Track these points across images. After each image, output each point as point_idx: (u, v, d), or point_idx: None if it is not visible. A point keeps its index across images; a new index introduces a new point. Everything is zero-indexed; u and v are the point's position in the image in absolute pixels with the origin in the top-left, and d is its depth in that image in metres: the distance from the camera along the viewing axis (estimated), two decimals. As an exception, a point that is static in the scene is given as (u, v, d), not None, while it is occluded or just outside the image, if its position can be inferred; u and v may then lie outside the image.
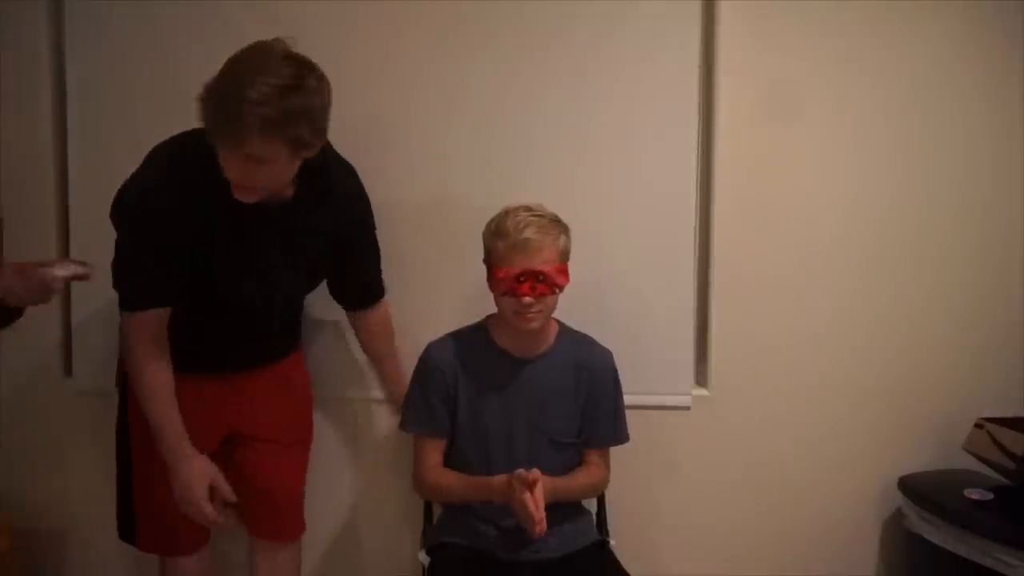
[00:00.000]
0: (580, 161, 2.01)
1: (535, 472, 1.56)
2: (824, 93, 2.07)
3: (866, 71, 2.07)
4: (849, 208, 2.11)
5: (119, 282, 1.55)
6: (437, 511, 1.90)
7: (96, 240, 1.98)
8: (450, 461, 1.78)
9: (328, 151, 1.64)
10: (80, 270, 1.45)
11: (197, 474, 1.55)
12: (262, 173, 1.42)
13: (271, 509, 1.83)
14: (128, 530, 1.75)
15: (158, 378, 1.56)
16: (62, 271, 1.42)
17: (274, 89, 1.34)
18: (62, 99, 1.99)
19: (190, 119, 1.43)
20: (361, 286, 1.86)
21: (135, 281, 1.54)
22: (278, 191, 1.52)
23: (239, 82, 1.34)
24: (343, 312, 1.94)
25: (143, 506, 1.72)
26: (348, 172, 1.74)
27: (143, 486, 1.71)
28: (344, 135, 1.76)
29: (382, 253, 1.88)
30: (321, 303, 1.91)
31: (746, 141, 2.06)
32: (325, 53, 1.51)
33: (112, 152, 1.97)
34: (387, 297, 1.93)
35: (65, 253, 2.02)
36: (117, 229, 1.54)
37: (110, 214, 1.53)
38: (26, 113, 2.00)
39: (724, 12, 2.02)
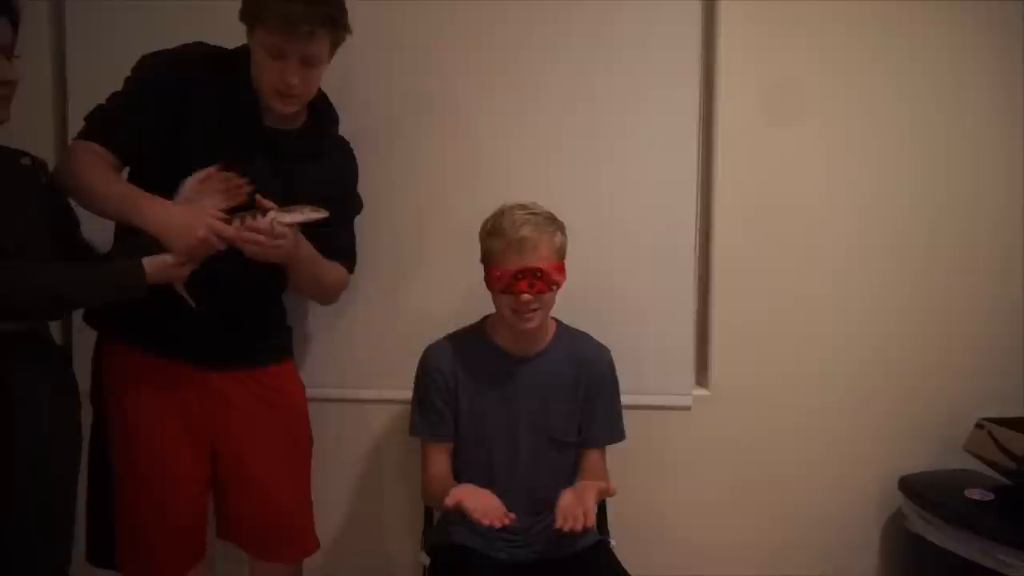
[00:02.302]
0: (581, 161, 2.02)
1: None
2: (823, 93, 2.07)
3: (866, 71, 2.08)
4: (849, 208, 2.11)
5: (95, 114, 1.55)
6: (437, 511, 1.90)
7: (96, 239, 1.99)
8: (453, 462, 1.77)
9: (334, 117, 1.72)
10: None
11: (186, 207, 1.46)
12: (312, 77, 1.53)
13: (265, 530, 1.74)
14: (103, 553, 1.63)
15: (99, 163, 1.49)
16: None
17: None
18: (62, 99, 1.99)
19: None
20: (327, 252, 1.70)
21: (113, 117, 1.53)
22: (308, 99, 1.59)
23: None
24: (342, 311, 1.94)
25: (124, 526, 1.61)
26: (345, 141, 1.79)
27: (125, 505, 1.61)
28: (343, 135, 1.77)
29: (381, 253, 1.88)
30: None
31: (746, 141, 2.06)
32: (325, 53, 1.51)
33: (112, 152, 1.98)
34: (387, 295, 1.92)
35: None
36: (125, 82, 1.56)
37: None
38: (26, 113, 1.99)
39: (724, 12, 2.02)
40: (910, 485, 2.09)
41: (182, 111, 1.52)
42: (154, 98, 1.52)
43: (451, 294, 2.00)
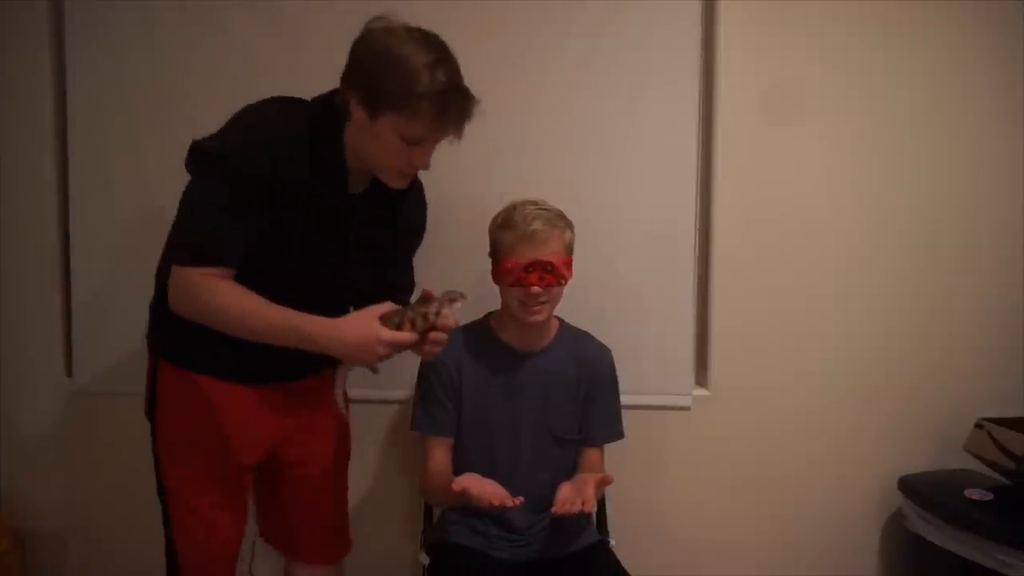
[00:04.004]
0: (580, 161, 2.02)
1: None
2: (823, 93, 2.07)
3: (866, 71, 2.08)
4: (850, 208, 2.11)
5: (185, 232, 1.41)
6: (437, 511, 1.90)
7: (96, 240, 2.00)
8: (454, 458, 1.77)
9: None
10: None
11: (351, 322, 1.41)
12: (432, 151, 1.46)
13: (322, 528, 1.73)
14: None
15: (237, 291, 1.38)
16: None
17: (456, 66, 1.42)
18: (62, 99, 1.99)
19: (190, 119, 1.44)
20: (388, 287, 1.64)
21: (218, 231, 1.38)
22: None
23: (447, 70, 1.40)
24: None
25: (186, 554, 1.57)
26: (418, 179, 1.66)
27: (182, 531, 1.56)
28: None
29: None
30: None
31: (746, 141, 2.06)
32: (325, 55, 1.51)
33: (112, 153, 1.98)
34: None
35: (65, 254, 2.02)
36: (201, 177, 1.40)
37: (191, 161, 1.39)
38: (26, 113, 2.00)
39: (724, 12, 2.02)
40: (910, 485, 2.09)
41: (277, 200, 1.40)
42: (254, 199, 1.38)
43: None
